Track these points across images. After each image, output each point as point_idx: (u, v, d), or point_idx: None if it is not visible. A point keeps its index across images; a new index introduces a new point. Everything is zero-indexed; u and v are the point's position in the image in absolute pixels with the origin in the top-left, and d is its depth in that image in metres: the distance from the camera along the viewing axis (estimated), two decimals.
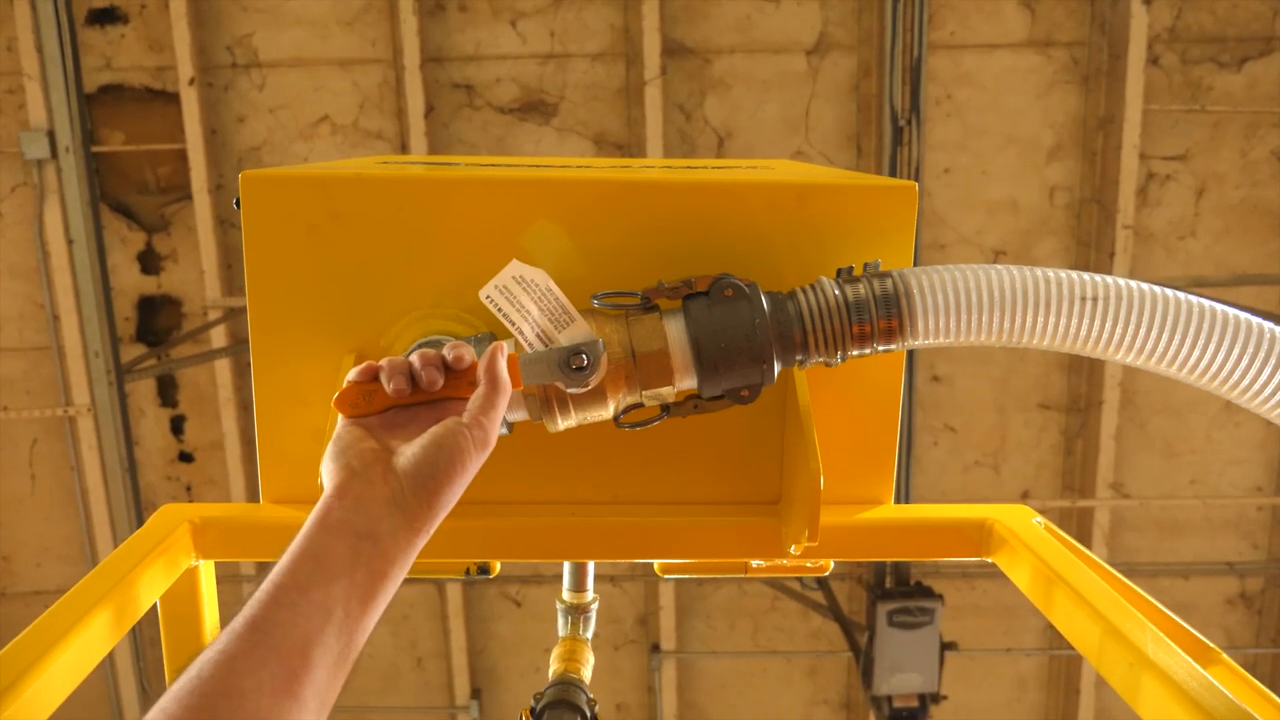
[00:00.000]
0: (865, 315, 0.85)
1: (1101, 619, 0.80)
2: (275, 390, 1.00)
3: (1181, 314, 0.84)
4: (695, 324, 0.85)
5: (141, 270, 4.61)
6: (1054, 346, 0.87)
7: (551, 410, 0.86)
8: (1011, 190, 4.47)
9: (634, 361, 0.85)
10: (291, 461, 1.01)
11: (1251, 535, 4.80)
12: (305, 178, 0.96)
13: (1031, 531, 0.97)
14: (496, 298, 0.84)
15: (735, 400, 0.88)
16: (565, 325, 0.83)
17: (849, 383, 1.01)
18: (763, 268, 0.96)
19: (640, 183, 0.97)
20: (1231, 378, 0.85)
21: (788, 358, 0.87)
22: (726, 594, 4.93)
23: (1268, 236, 4.47)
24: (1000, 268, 0.87)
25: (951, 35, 4.33)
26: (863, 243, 0.97)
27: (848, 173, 1.10)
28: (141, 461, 4.77)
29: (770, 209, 0.96)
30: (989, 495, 4.70)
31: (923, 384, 4.57)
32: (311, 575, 0.62)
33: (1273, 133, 4.37)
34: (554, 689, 1.01)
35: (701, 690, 5.11)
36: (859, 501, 1.05)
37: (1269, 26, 4.29)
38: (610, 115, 4.44)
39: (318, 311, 0.98)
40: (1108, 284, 0.85)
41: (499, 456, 1.00)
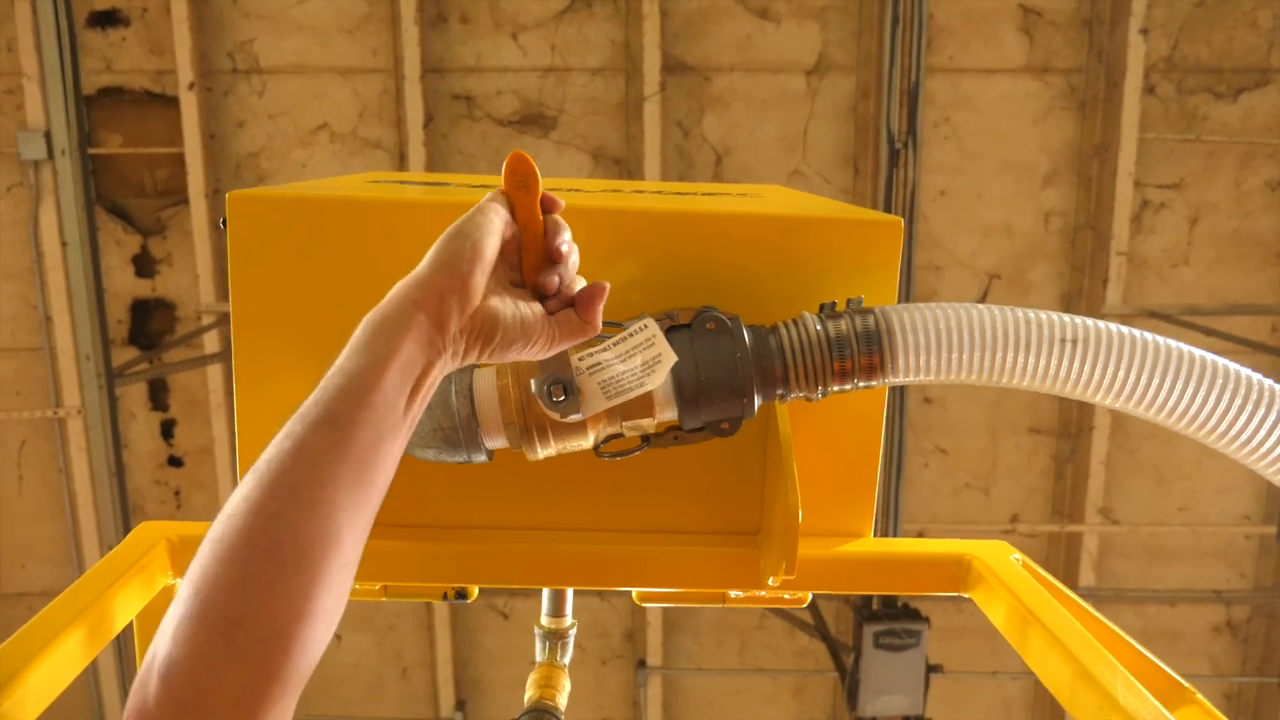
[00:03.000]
0: (846, 351, 0.86)
1: (1073, 660, 0.80)
2: (258, 409, 1.00)
3: (1160, 358, 0.84)
4: (677, 357, 0.85)
5: (136, 273, 4.61)
6: (1034, 387, 0.87)
7: (531, 439, 0.86)
8: (1007, 214, 4.49)
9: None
10: None
11: (1239, 564, 4.81)
12: (291, 199, 0.96)
13: (1009, 569, 0.97)
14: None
15: (715, 432, 0.89)
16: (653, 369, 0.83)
17: (831, 417, 1.01)
18: (747, 299, 0.96)
19: (628, 211, 0.98)
20: (1209, 423, 0.85)
21: (768, 392, 0.88)
22: (714, 611, 4.91)
23: (1259, 266, 4.49)
24: (982, 307, 0.87)
25: (950, 59, 4.36)
26: (848, 277, 0.98)
27: (836, 204, 1.11)
28: (131, 465, 4.75)
29: (756, 241, 0.97)
30: (978, 518, 4.71)
31: (914, 406, 4.57)
32: (394, 380, 0.63)
33: (1266, 164, 4.40)
34: (528, 716, 1.01)
35: (687, 707, 5.10)
36: (838, 534, 1.05)
37: (1264, 59, 4.32)
38: (609, 130, 4.45)
39: (302, 332, 0.98)
40: (1088, 326, 0.86)
41: (479, 481, 1.01)
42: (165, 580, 0.98)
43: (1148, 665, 0.97)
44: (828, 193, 4.42)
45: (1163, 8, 4.26)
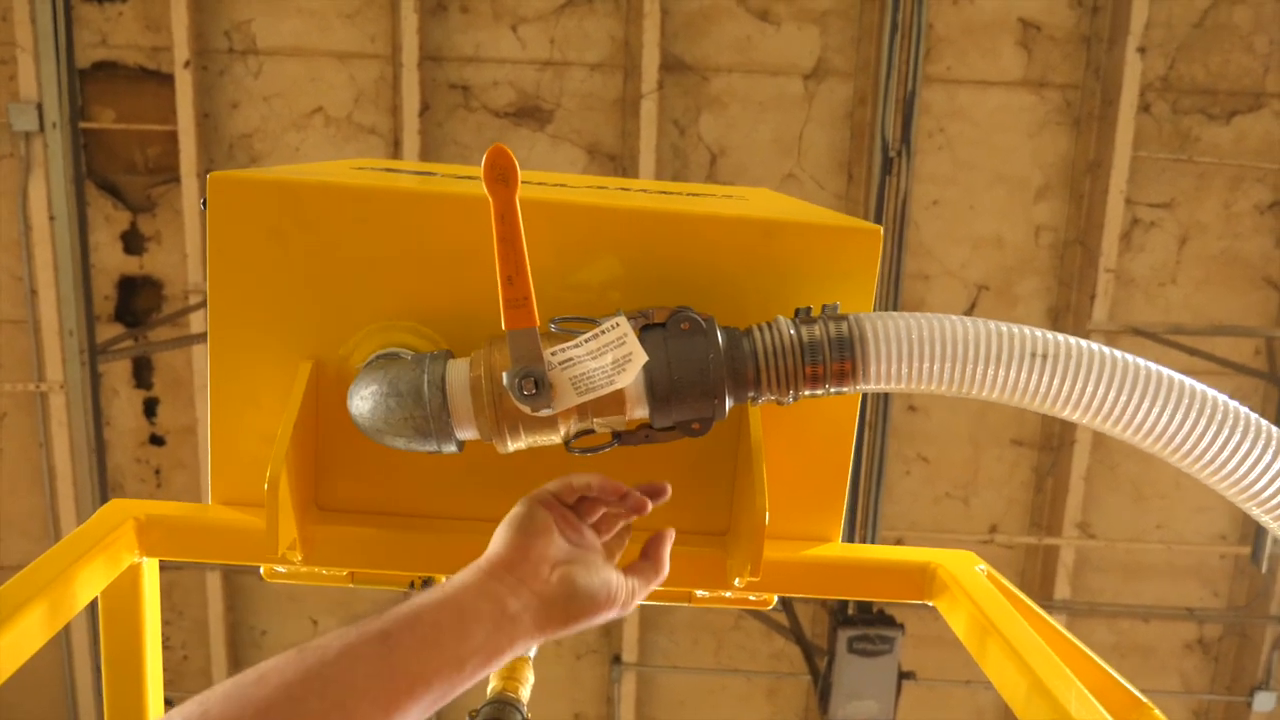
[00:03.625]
0: (819, 357, 0.86)
1: (1029, 672, 0.80)
2: (230, 392, 1.00)
3: (1130, 376, 0.85)
4: (650, 355, 0.85)
5: (124, 250, 4.58)
6: (1005, 400, 0.88)
7: (501, 432, 0.86)
8: (998, 226, 4.51)
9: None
10: (242, 464, 1.00)
11: (1213, 583, 4.84)
12: (272, 182, 0.96)
13: (973, 579, 0.98)
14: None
15: (686, 432, 0.89)
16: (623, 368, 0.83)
17: (803, 421, 1.02)
18: (724, 301, 0.97)
19: (608, 208, 0.98)
20: (1174, 441, 0.86)
21: (740, 394, 0.88)
22: (691, 610, 4.90)
23: (1246, 289, 4.52)
24: (956, 319, 0.88)
25: (948, 70, 4.37)
26: (825, 283, 0.98)
27: (818, 210, 1.11)
28: (112, 442, 4.73)
29: (736, 244, 0.97)
30: (957, 527, 4.73)
31: (898, 413, 4.59)
32: (451, 626, 0.67)
33: (1256, 187, 4.43)
34: (489, 707, 1.01)
35: (660, 704, 5.11)
36: (807, 538, 1.05)
37: (1259, 83, 4.35)
38: (605, 126, 4.45)
39: (278, 316, 0.98)
40: (1059, 342, 0.86)
41: (450, 472, 1.01)
42: (131, 559, 0.98)
43: (1108, 680, 0.98)
44: (821, 198, 4.43)
45: (1161, 28, 4.28)
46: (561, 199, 0.99)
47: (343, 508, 1.03)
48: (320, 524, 1.00)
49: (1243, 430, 0.85)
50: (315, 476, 1.01)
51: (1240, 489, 0.87)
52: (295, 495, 0.95)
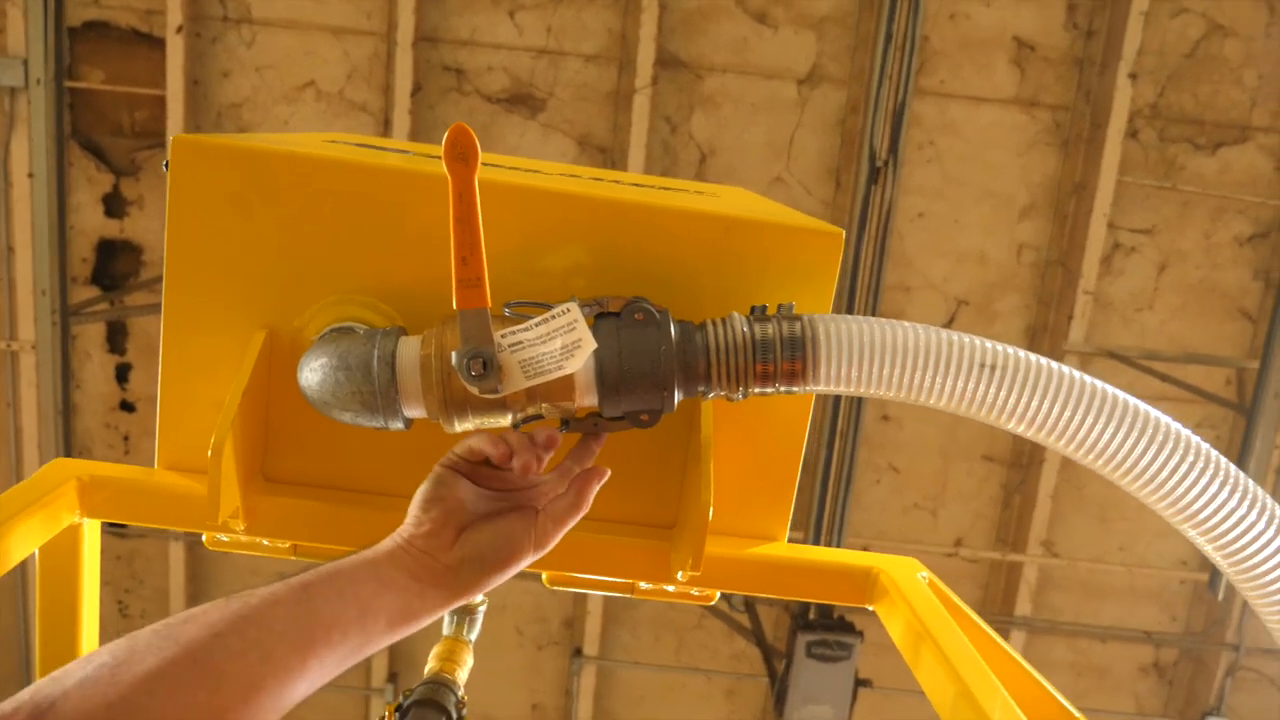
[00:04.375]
0: (770, 355, 0.86)
1: (958, 680, 0.81)
2: (183, 358, 0.99)
3: (1075, 392, 0.86)
4: (602, 344, 0.85)
5: (105, 213, 4.54)
6: (950, 408, 0.88)
7: (449, 412, 0.86)
8: (982, 242, 4.54)
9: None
10: (190, 430, 1.00)
11: (1171, 607, 4.89)
12: (237, 149, 0.95)
13: (914, 585, 0.98)
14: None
15: (635, 423, 0.89)
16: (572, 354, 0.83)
17: (755, 420, 1.02)
18: (684, 295, 0.97)
19: (573, 195, 0.98)
20: (1116, 458, 0.87)
21: (690, 388, 0.88)
22: (654, 606, 4.94)
23: (1221, 319, 4.56)
24: (909, 325, 0.88)
25: (941, 83, 4.39)
26: (784, 282, 0.98)
27: (786, 211, 1.11)
28: (81, 406, 4.69)
29: (697, 238, 0.97)
30: (924, 538, 4.76)
31: (871, 421, 4.61)
32: (367, 580, 0.73)
33: (1237, 219, 4.47)
34: (424, 687, 1.01)
35: (619, 699, 5.11)
36: (753, 536, 1.06)
37: (1246, 116, 4.39)
38: (597, 118, 4.44)
39: (235, 284, 0.97)
40: (1008, 354, 0.87)
41: (397, 449, 1.00)
42: (72, 518, 0.97)
43: (1041, 693, 0.99)
44: (808, 203, 4.44)
45: (1153, 55, 4.31)
46: (529, 183, 0.99)
47: (290, 479, 1.03)
48: (265, 494, 1.00)
49: (1185, 453, 0.85)
50: (264, 447, 1.01)
51: (1180, 510, 0.88)
52: (241, 464, 0.94)
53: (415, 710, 0.97)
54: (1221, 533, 0.87)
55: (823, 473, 4.15)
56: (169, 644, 0.60)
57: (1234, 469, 0.87)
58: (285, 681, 0.64)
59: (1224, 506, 0.85)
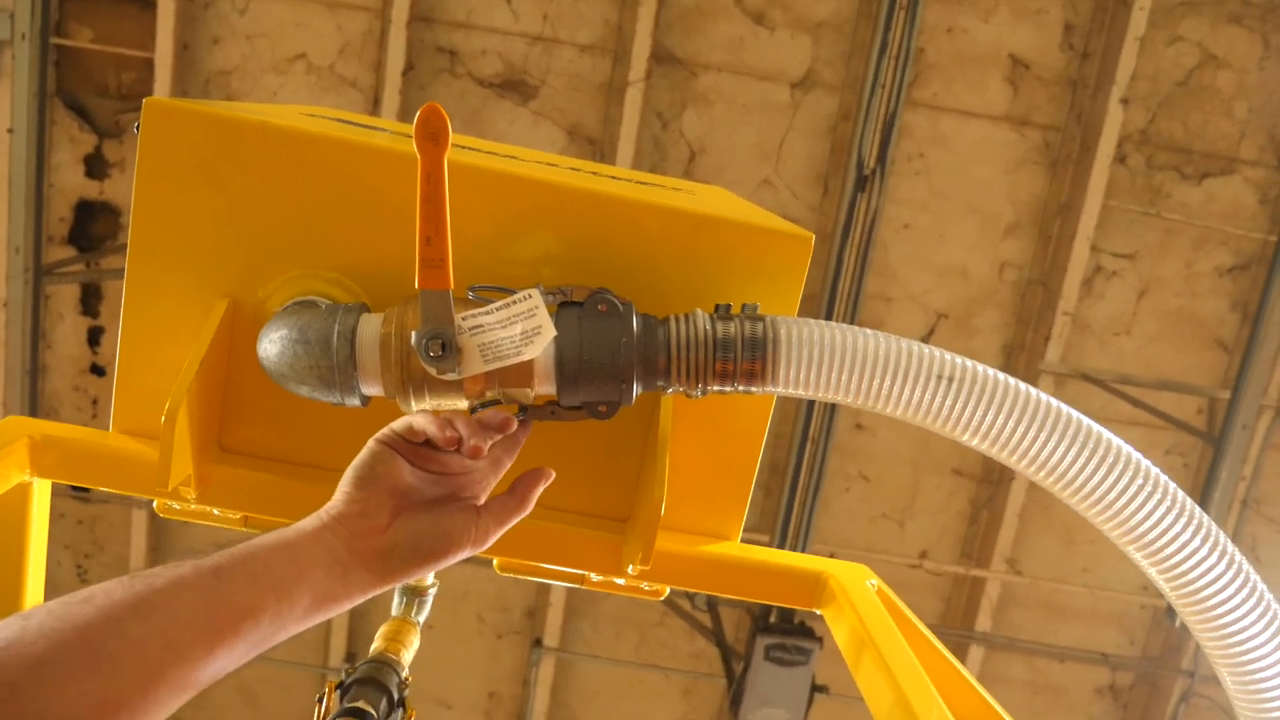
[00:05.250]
0: (730, 354, 0.87)
1: (896, 688, 0.82)
2: (144, 322, 0.99)
3: (1029, 409, 0.87)
4: (563, 333, 0.86)
5: (86, 173, 4.50)
6: (906, 416, 0.89)
7: (406, 391, 0.86)
8: (965, 258, 4.57)
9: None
10: (147, 395, 0.99)
11: (1131, 631, 4.95)
12: (210, 115, 0.95)
13: (862, 592, 0.99)
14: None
15: (593, 414, 0.90)
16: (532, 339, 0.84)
17: (715, 418, 1.03)
18: (649, 289, 0.97)
19: (546, 183, 0.98)
20: (1065, 476, 0.88)
21: (649, 382, 0.89)
22: (617, 601, 4.95)
23: (1197, 348, 4.62)
24: (871, 333, 0.89)
25: (934, 96, 4.41)
26: (751, 283, 0.99)
27: (759, 212, 1.12)
28: (51, 366, 4.65)
29: (666, 233, 0.98)
30: (889, 549, 4.79)
31: (844, 429, 4.63)
32: (284, 564, 0.69)
33: (1219, 250, 4.52)
34: (367, 666, 1.01)
35: (576, 692, 5.12)
36: (706, 534, 1.06)
37: (1234, 148, 4.44)
38: (588, 109, 4.44)
39: (200, 251, 0.97)
40: (966, 367, 0.88)
41: (355, 426, 1.00)
42: (21, 476, 0.97)
43: (982, 705, 1.00)
44: (794, 208, 4.46)
45: (1146, 81, 4.35)
46: (503, 169, 0.99)
47: (245, 451, 1.02)
48: (219, 464, 1.00)
49: (1134, 475, 0.87)
50: (220, 416, 1.01)
51: (1127, 533, 0.89)
52: (195, 431, 0.94)
53: (357, 688, 0.97)
54: (1166, 556, 0.88)
55: (792, 477, 4.17)
56: (63, 626, 0.56)
57: (1183, 495, 0.88)
58: (188, 671, 0.61)
59: (1170, 530, 0.87)
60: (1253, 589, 0.85)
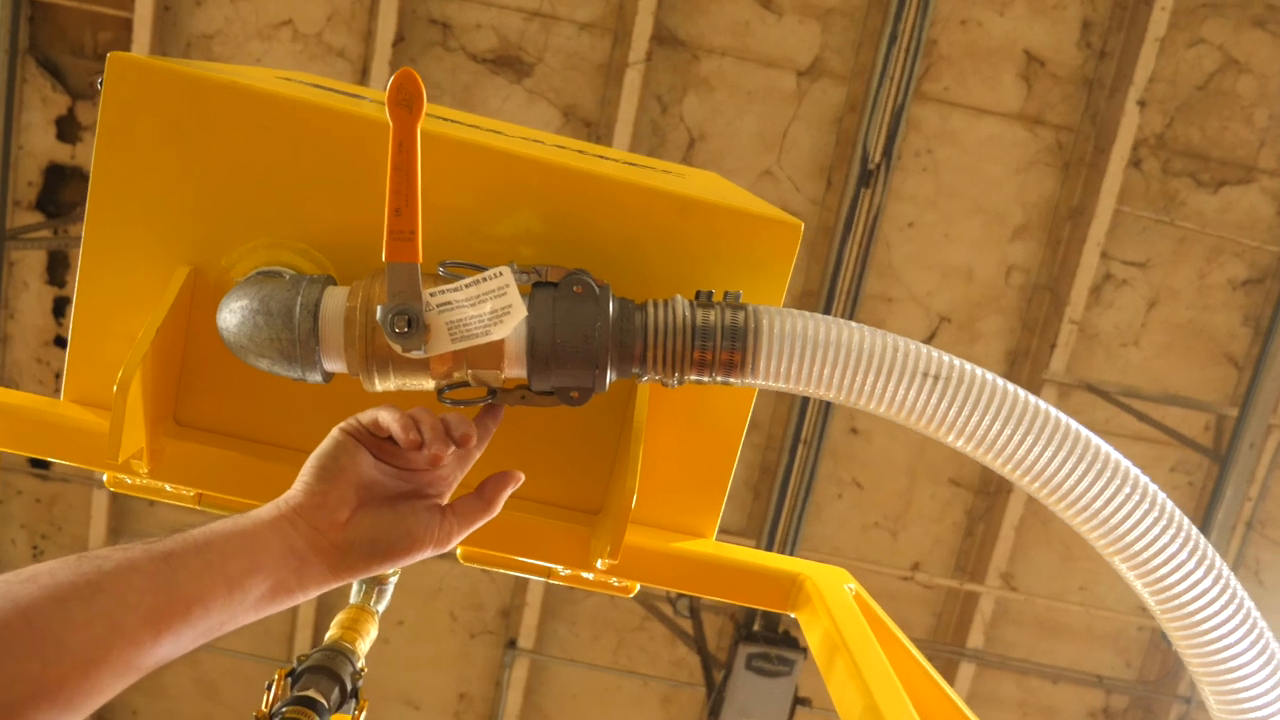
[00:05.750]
0: (709, 343, 0.87)
1: (867, 694, 0.82)
2: (101, 286, 0.99)
3: (1016, 410, 0.87)
4: (536, 315, 0.86)
5: (57, 136, 4.48)
6: (888, 414, 0.89)
7: (370, 369, 0.86)
8: (970, 259, 4.57)
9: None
10: (100, 363, 0.99)
11: (1127, 653, 4.97)
12: (178, 73, 0.94)
13: (839, 596, 1.00)
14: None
15: (565, 400, 0.89)
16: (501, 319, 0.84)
17: (694, 410, 1.03)
18: (631, 272, 0.97)
19: (524, 158, 0.98)
20: (1052, 482, 0.88)
21: (624, 368, 0.89)
22: (596, 603, 4.95)
23: (1206, 362, 4.63)
24: (856, 327, 0.89)
25: (945, 90, 4.42)
26: (737, 270, 0.99)
27: (748, 197, 1.12)
28: (14, 337, 4.63)
29: (651, 215, 0.98)
30: (880, 559, 4.80)
31: (839, 433, 4.64)
32: (239, 553, 0.69)
33: (1233, 261, 4.53)
34: (320, 654, 1.01)
35: (550, 696, 5.13)
36: (680, 531, 1.07)
37: (1252, 156, 4.45)
38: (585, 89, 4.43)
39: (162, 215, 0.97)
40: (953, 366, 0.88)
41: (316, 403, 1.00)
42: None
43: (959, 715, 1.00)
44: (795, 200, 4.46)
45: (1165, 83, 4.36)
46: (485, 142, 0.99)
47: (202, 425, 1.02)
48: (173, 438, 0.99)
49: (1121, 481, 0.87)
50: (176, 388, 1.00)
51: (1113, 541, 0.90)
52: (150, 403, 0.94)
53: (308, 676, 0.97)
54: (1153, 569, 0.89)
55: (782, 480, 4.17)
56: (4, 605, 0.57)
57: (1173, 508, 0.89)
58: (133, 656, 0.61)
59: (1158, 542, 0.87)
60: (1239, 605, 0.85)
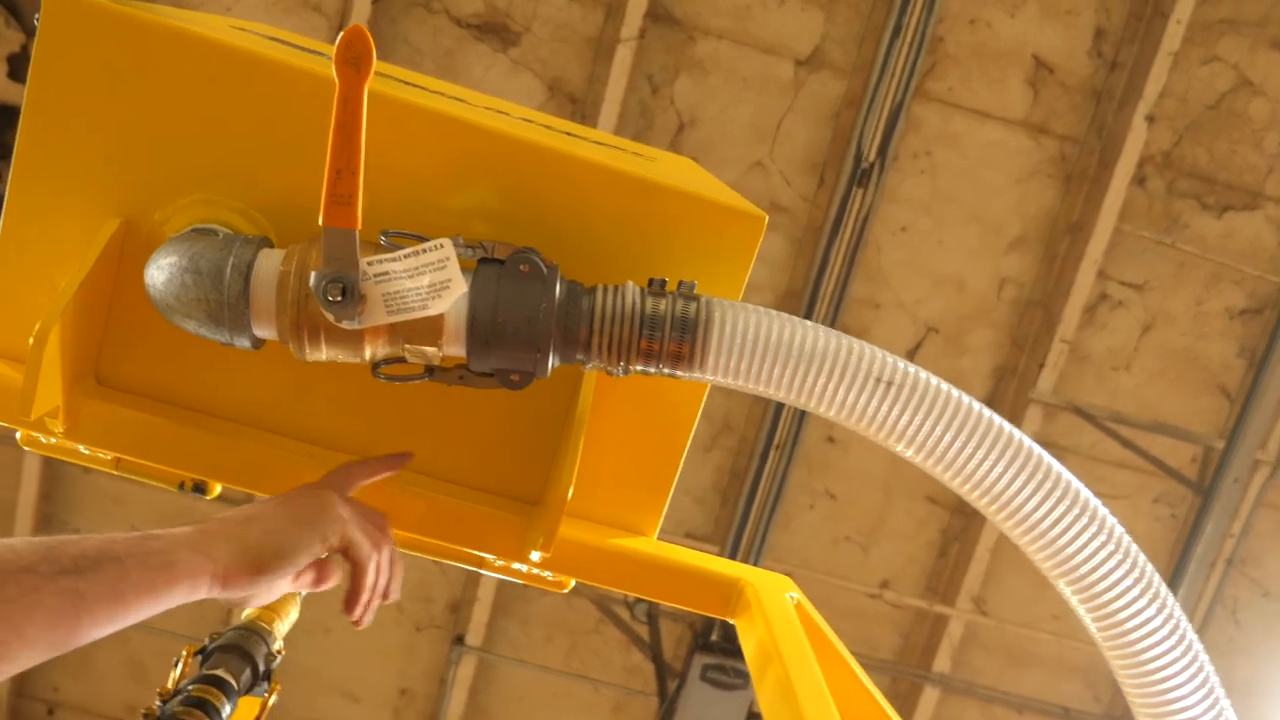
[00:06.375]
0: (657, 332, 0.88)
1: (795, 705, 0.83)
2: (26, 234, 0.98)
3: (970, 422, 0.88)
4: (478, 292, 0.86)
5: (9, 74, 4.42)
6: (839, 419, 0.91)
7: (300, 337, 0.86)
8: (963, 269, 4.61)
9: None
10: (20, 314, 0.99)
11: (1095, 686, 5.03)
12: (119, 14, 0.94)
13: (779, 604, 1.01)
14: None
15: (504, 383, 0.90)
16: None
17: (643, 402, 1.04)
18: (583, 255, 0.98)
19: (482, 129, 0.98)
20: (1002, 498, 0.90)
21: (568, 354, 0.89)
22: (551, 603, 4.96)
23: (1198, 392, 4.69)
24: (812, 326, 0.90)
25: (949, 91, 4.44)
26: (696, 260, 1.00)
27: (715, 185, 1.13)
28: None
29: (609, 196, 0.98)
30: (849, 574, 4.84)
31: (814, 441, 4.67)
32: (148, 590, 0.72)
33: (1232, 289, 4.59)
34: (234, 632, 1.01)
35: (496, 696, 5.14)
36: (622, 528, 1.08)
37: (1260, 182, 4.50)
38: (573, 63, 4.43)
39: (95, 163, 0.96)
40: (908, 373, 0.89)
41: (247, 370, 1.00)
42: None
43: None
44: (785, 195, 4.48)
45: (1175, 100, 4.41)
46: (441, 109, 0.99)
47: (126, 387, 1.02)
48: (93, 398, 0.99)
49: (1071, 503, 0.89)
50: (99, 346, 1.00)
51: (1058, 562, 0.91)
52: (69, 359, 0.93)
53: (219, 655, 0.98)
54: (1098, 594, 0.90)
55: (750, 486, 4.20)
56: None
57: (1122, 532, 0.91)
58: (13, 670, 0.64)
59: (1104, 566, 0.89)
60: (1181, 637, 0.87)
